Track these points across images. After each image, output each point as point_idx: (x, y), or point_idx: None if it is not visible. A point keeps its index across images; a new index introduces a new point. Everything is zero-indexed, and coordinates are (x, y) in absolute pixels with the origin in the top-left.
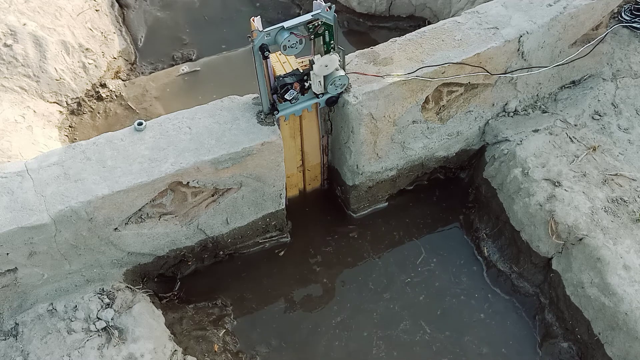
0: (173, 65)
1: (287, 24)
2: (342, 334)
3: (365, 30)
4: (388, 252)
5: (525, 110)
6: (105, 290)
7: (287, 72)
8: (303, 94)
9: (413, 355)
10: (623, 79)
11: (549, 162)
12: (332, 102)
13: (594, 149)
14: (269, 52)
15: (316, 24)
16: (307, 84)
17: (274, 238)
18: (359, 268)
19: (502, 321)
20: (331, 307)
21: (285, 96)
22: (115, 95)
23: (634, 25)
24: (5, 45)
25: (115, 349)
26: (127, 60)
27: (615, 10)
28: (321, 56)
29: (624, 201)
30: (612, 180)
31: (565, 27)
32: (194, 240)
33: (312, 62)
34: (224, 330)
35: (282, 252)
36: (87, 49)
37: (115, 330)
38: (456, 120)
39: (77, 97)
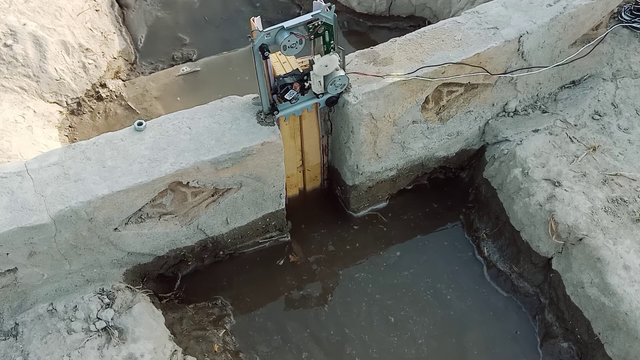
0: (173, 65)
1: (287, 24)
2: (342, 334)
3: (365, 30)
4: (388, 252)
5: (525, 110)
6: (105, 290)
7: (287, 72)
8: (303, 94)
9: (413, 354)
10: (623, 79)
11: (549, 162)
12: (332, 102)
13: (594, 149)
14: (269, 52)
15: (316, 24)
16: (307, 84)
17: (273, 238)
18: (359, 268)
19: (502, 321)
20: (331, 306)
21: (285, 96)
22: (115, 95)
23: (634, 25)
24: (5, 45)
25: (115, 349)
26: (127, 60)
27: (615, 10)
28: (321, 56)
29: (624, 201)
30: (612, 180)
31: (565, 27)
32: (194, 240)
33: (312, 62)
34: (224, 330)
35: (282, 262)
36: (87, 49)
37: (115, 330)
38: (456, 120)
39: (77, 97)
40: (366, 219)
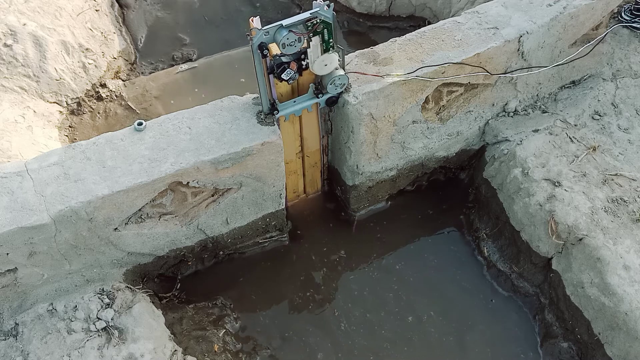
0: (173, 65)
1: (285, 22)
2: (342, 334)
3: (365, 30)
4: (388, 251)
5: (525, 110)
6: (105, 290)
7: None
8: (301, 74)
9: (414, 354)
10: (623, 79)
11: (549, 162)
12: (332, 102)
13: (594, 149)
14: (268, 50)
15: (315, 22)
16: (304, 63)
17: (274, 238)
18: (359, 268)
19: (502, 321)
20: (331, 307)
21: (282, 76)
22: (115, 95)
23: (634, 25)
24: (5, 45)
25: (115, 349)
26: (127, 60)
27: (615, 10)
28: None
29: (624, 201)
30: (612, 180)
31: (565, 27)
32: (194, 240)
33: (309, 40)
34: (224, 330)
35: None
36: (87, 49)
37: (115, 330)
38: (456, 120)
39: (77, 97)
40: (366, 219)
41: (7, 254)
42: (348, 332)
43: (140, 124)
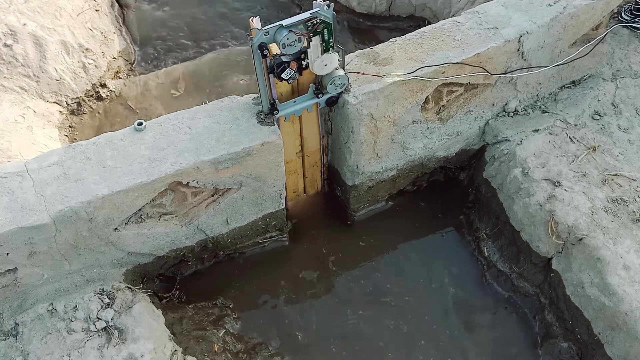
0: (172, 65)
1: (286, 22)
2: (342, 335)
3: (365, 30)
4: (388, 252)
5: (525, 110)
6: (105, 290)
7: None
8: (301, 74)
9: (413, 355)
10: (623, 79)
11: (549, 162)
12: (332, 102)
13: (594, 149)
14: (268, 50)
15: (315, 22)
16: (304, 63)
17: (273, 238)
18: (359, 268)
19: (502, 321)
20: (331, 307)
21: (282, 75)
22: (115, 95)
23: (634, 25)
24: (5, 45)
25: (115, 349)
26: (127, 60)
27: (615, 10)
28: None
29: (624, 201)
30: (612, 180)
31: (565, 27)
32: (194, 240)
33: (309, 40)
34: (224, 330)
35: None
36: (87, 49)
37: (115, 330)
38: (456, 120)
39: (77, 97)
40: (366, 219)
41: (7, 254)
42: (347, 333)
43: (140, 124)
